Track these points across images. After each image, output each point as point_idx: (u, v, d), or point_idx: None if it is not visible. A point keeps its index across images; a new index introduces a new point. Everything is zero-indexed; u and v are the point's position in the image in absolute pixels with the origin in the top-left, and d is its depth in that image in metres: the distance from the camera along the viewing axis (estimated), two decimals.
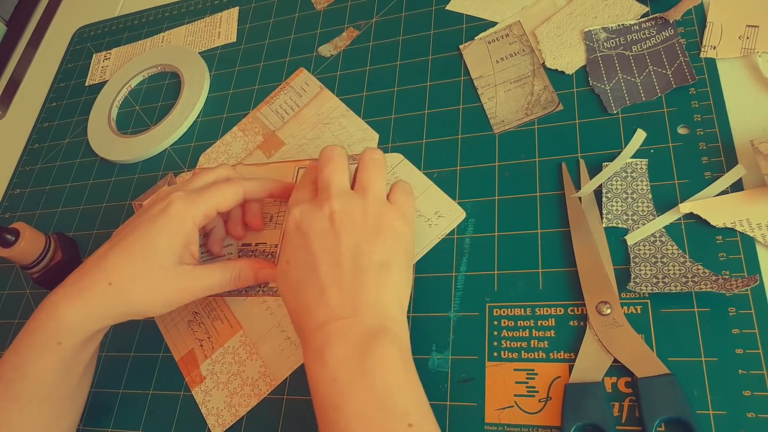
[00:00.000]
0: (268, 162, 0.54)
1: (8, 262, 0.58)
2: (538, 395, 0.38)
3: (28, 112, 0.73)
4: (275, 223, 0.50)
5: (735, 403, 0.34)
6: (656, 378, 0.35)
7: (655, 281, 0.38)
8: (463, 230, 0.45)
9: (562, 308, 0.40)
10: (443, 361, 0.41)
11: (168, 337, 0.49)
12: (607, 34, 0.49)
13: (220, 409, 0.44)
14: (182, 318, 0.49)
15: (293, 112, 0.56)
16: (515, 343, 0.40)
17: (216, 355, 0.47)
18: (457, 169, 0.48)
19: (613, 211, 0.42)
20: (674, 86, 0.44)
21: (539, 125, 0.47)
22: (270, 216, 0.50)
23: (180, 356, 0.48)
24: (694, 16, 0.47)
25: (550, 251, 0.42)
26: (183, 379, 0.47)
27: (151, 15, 0.73)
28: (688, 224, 0.40)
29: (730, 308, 0.37)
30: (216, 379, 0.46)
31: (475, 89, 0.51)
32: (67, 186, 0.63)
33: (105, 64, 0.71)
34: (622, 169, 0.43)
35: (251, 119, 0.57)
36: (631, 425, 0.35)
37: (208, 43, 0.66)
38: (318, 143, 0.53)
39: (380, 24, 0.58)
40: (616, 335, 0.37)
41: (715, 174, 0.41)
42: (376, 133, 0.52)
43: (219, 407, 0.45)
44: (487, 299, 0.42)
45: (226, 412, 0.44)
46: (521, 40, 0.52)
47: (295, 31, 0.62)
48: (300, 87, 0.57)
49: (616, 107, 0.45)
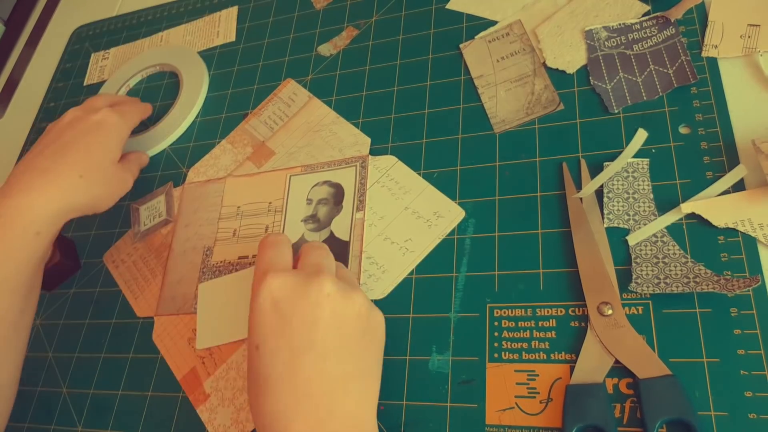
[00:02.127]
0: (259, 172, 0.54)
1: None
2: (539, 396, 0.38)
3: (27, 111, 0.73)
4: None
5: (737, 405, 0.34)
6: (658, 379, 0.35)
7: (657, 282, 0.38)
8: (464, 231, 0.45)
9: (563, 309, 0.40)
10: (443, 362, 0.41)
11: (168, 356, 0.48)
12: (608, 33, 0.48)
13: (227, 426, 0.43)
14: (182, 336, 0.48)
15: (282, 122, 0.56)
16: (516, 344, 0.40)
17: (219, 371, 0.46)
18: (457, 169, 0.47)
19: (615, 211, 0.42)
20: (675, 85, 0.44)
21: (540, 125, 0.47)
22: (266, 227, 0.50)
23: (182, 375, 0.47)
24: (696, 15, 0.47)
25: (550, 251, 0.42)
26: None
27: (150, 14, 0.73)
28: (689, 224, 0.40)
29: (731, 309, 0.36)
30: (221, 395, 0.45)
31: (475, 88, 0.50)
32: None
33: (103, 64, 0.71)
34: (624, 168, 0.43)
35: (240, 132, 0.57)
36: (632, 426, 0.35)
37: (207, 43, 0.66)
38: (309, 150, 0.53)
39: (380, 23, 0.58)
40: (617, 336, 0.37)
41: (717, 174, 0.40)
42: (368, 137, 0.52)
43: (226, 424, 0.43)
44: (487, 300, 0.42)
45: (233, 429, 0.43)
46: (522, 39, 0.51)
47: (295, 31, 0.62)
48: (288, 97, 0.57)
49: (617, 107, 0.45)
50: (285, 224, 0.50)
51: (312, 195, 0.50)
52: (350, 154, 0.51)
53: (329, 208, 0.49)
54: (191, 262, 0.51)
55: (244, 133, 0.57)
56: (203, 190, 0.55)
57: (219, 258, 0.51)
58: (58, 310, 0.55)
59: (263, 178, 0.53)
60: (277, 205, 0.51)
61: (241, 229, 0.51)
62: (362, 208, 0.48)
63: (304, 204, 0.50)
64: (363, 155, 0.51)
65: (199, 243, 0.52)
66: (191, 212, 0.54)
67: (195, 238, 0.53)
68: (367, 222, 0.47)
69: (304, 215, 0.50)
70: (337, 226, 0.48)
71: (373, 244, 0.46)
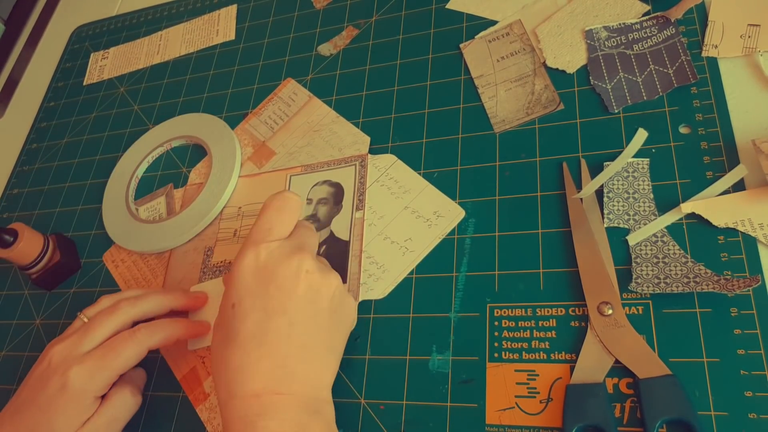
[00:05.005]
0: (259, 173, 0.54)
1: (6, 262, 0.58)
2: (539, 396, 0.38)
3: (26, 111, 0.73)
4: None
5: (737, 404, 0.34)
6: (658, 379, 0.35)
7: (657, 281, 0.38)
8: (464, 230, 0.45)
9: (563, 309, 0.40)
10: (444, 362, 0.41)
11: (168, 356, 0.48)
12: (609, 32, 0.48)
13: None
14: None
15: (282, 122, 0.56)
16: (516, 344, 0.40)
17: None
18: (457, 169, 0.47)
19: (615, 211, 0.42)
20: (676, 85, 0.44)
21: (540, 124, 0.47)
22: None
23: (182, 375, 0.47)
24: (696, 15, 0.47)
25: (551, 251, 0.42)
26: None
27: (149, 14, 0.73)
28: (689, 224, 0.40)
29: (731, 309, 0.36)
30: None
31: (475, 88, 0.50)
32: (66, 186, 0.63)
33: (103, 63, 0.71)
34: (624, 168, 0.43)
35: (240, 132, 0.57)
36: (632, 426, 0.35)
37: (206, 41, 0.66)
38: (309, 150, 0.53)
39: (380, 23, 0.58)
40: (617, 336, 0.37)
41: (717, 174, 0.40)
42: (367, 136, 0.52)
43: None
44: (487, 300, 0.42)
45: None
46: (522, 38, 0.51)
47: (295, 30, 0.62)
48: (288, 97, 0.57)
49: (617, 106, 0.45)
50: None
51: (312, 194, 0.50)
52: (350, 154, 0.51)
53: (329, 207, 0.49)
54: (192, 262, 0.51)
55: (245, 132, 0.57)
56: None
57: (220, 258, 0.51)
58: (58, 309, 0.55)
59: (264, 178, 0.53)
60: None
61: (241, 229, 0.51)
62: (362, 208, 0.48)
63: (304, 204, 0.50)
64: (362, 154, 0.51)
65: (200, 243, 0.52)
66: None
67: (196, 239, 0.53)
68: (366, 221, 0.47)
69: (305, 215, 0.50)
70: (337, 225, 0.48)
71: (373, 243, 0.46)
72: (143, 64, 0.68)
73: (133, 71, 0.68)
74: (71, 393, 0.40)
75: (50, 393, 0.40)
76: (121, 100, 0.66)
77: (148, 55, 0.69)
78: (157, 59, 0.68)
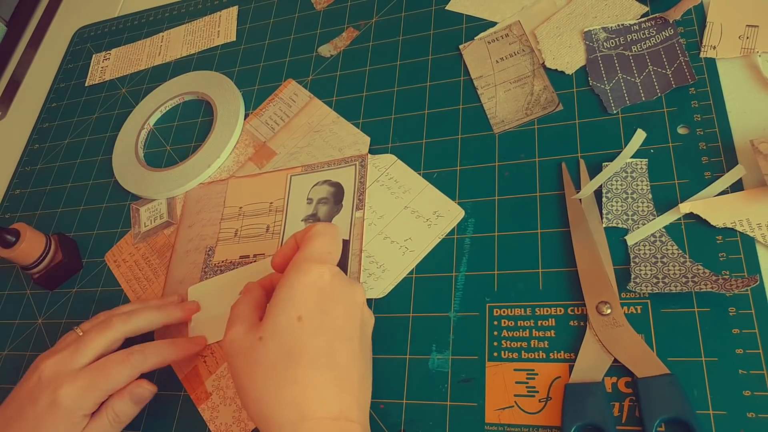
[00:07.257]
0: (260, 173, 0.54)
1: (8, 262, 0.58)
2: (538, 395, 0.38)
3: (29, 112, 0.73)
4: (272, 233, 0.50)
5: (735, 403, 0.34)
6: (656, 378, 0.35)
7: (655, 281, 0.38)
8: (463, 230, 0.45)
9: (562, 308, 0.40)
10: (443, 361, 0.41)
11: None
12: (607, 34, 0.49)
13: (228, 425, 0.43)
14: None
15: (283, 123, 0.56)
16: (515, 343, 0.40)
17: (221, 370, 0.46)
18: (456, 169, 0.48)
19: (613, 211, 0.42)
20: (674, 86, 0.44)
21: (539, 125, 0.47)
22: (267, 226, 0.50)
23: (184, 374, 0.47)
24: (694, 16, 0.47)
25: (550, 251, 0.42)
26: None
27: (151, 15, 0.73)
28: (688, 224, 0.40)
29: (730, 308, 0.37)
30: (222, 394, 0.45)
31: (474, 89, 0.51)
32: (68, 186, 0.63)
33: (105, 65, 0.71)
34: (622, 169, 0.43)
35: (241, 132, 0.57)
36: (631, 425, 0.35)
37: (208, 43, 0.66)
38: (309, 150, 0.53)
39: (380, 24, 0.58)
40: (616, 335, 0.37)
41: (715, 174, 0.41)
42: (367, 136, 0.52)
43: (227, 423, 0.44)
44: (487, 299, 0.42)
45: (235, 428, 0.43)
46: (521, 40, 0.52)
47: (295, 31, 0.62)
48: (289, 98, 0.57)
49: (616, 107, 0.45)
50: (286, 224, 0.50)
51: (312, 194, 0.51)
52: (350, 154, 0.51)
53: (329, 207, 0.49)
54: (193, 262, 0.52)
55: (246, 133, 0.57)
56: (207, 191, 0.55)
57: (221, 258, 0.51)
58: (59, 309, 0.55)
59: (264, 178, 0.53)
60: (278, 205, 0.51)
61: (242, 229, 0.52)
62: (362, 207, 0.48)
63: (305, 203, 0.50)
64: (362, 154, 0.51)
65: (202, 243, 0.52)
66: (194, 213, 0.54)
67: (197, 239, 0.53)
68: (366, 221, 0.48)
69: (305, 215, 0.50)
70: (337, 224, 0.48)
71: (373, 243, 0.47)
72: (145, 65, 0.69)
73: (134, 72, 0.69)
74: (61, 411, 0.40)
75: (39, 409, 0.40)
76: (123, 100, 0.67)
77: (149, 56, 0.69)
78: (159, 60, 0.68)
